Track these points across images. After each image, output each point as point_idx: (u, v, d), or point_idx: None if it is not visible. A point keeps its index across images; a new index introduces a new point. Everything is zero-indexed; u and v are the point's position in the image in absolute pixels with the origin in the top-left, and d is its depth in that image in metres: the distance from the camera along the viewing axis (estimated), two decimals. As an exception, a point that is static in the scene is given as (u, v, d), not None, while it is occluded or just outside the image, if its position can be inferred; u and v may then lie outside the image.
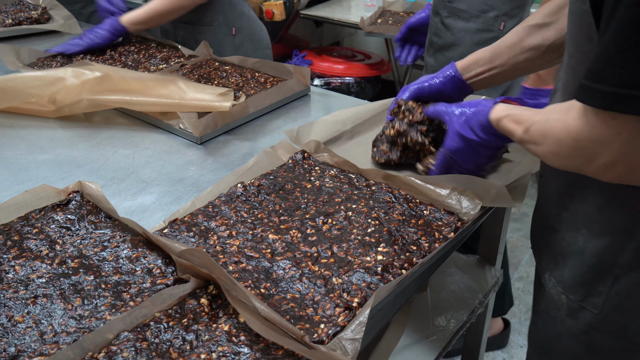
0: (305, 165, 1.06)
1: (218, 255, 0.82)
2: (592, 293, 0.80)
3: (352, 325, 0.66)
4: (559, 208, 0.85)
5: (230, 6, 1.76)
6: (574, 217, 0.82)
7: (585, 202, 0.79)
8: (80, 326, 0.70)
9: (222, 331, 0.69)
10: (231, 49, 1.79)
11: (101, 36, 1.62)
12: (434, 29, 1.70)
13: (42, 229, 0.88)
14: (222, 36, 1.78)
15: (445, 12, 1.63)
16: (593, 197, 0.78)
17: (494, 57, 1.02)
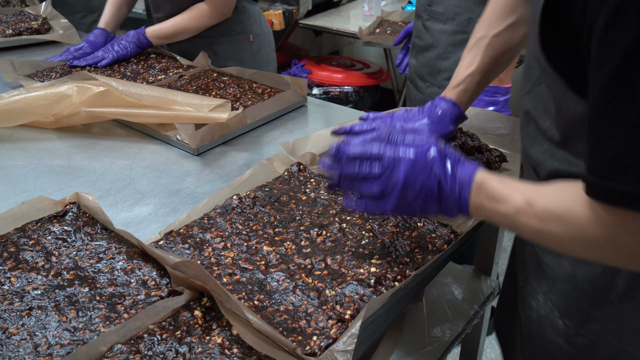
0: (300, 178, 1.07)
1: (212, 267, 0.83)
2: (588, 319, 0.77)
3: (344, 337, 0.67)
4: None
5: (245, 13, 1.77)
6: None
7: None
8: (74, 338, 0.70)
9: (215, 344, 0.70)
10: (250, 55, 1.80)
11: (125, 48, 1.66)
12: (416, 31, 1.77)
13: (38, 240, 0.89)
14: (240, 44, 1.78)
15: (425, 15, 1.70)
16: None
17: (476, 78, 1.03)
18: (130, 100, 1.24)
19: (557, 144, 0.73)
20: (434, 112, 1.01)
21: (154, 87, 1.31)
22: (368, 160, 0.77)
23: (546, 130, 0.74)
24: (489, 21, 1.00)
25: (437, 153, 0.75)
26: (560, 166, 0.72)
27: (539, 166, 0.77)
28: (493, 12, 1.00)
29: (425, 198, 0.74)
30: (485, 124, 1.23)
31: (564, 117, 0.69)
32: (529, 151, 0.79)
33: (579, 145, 0.69)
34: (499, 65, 1.02)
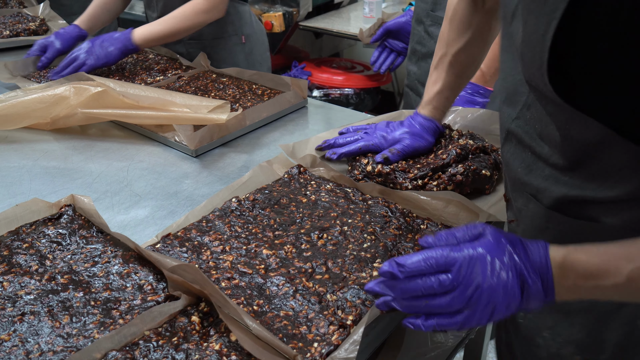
0: (301, 180, 1.05)
1: (211, 271, 0.81)
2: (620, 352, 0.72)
3: (345, 344, 0.65)
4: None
5: (237, 15, 1.76)
6: None
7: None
8: (67, 345, 0.68)
9: (213, 350, 0.68)
10: (242, 57, 1.79)
11: (110, 55, 1.50)
12: (417, 37, 1.73)
13: (32, 243, 0.87)
14: (232, 46, 1.77)
15: (428, 20, 1.67)
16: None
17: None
18: (127, 101, 1.22)
19: (562, 170, 0.68)
20: (412, 125, 1.08)
21: (151, 88, 1.29)
22: (432, 275, 0.64)
23: (547, 157, 0.70)
24: (448, 39, 1.03)
25: (508, 241, 0.64)
26: (570, 191, 0.68)
27: (541, 193, 0.72)
28: (450, 29, 1.03)
29: (509, 299, 0.62)
30: (487, 125, 1.21)
31: (574, 143, 0.64)
32: (525, 179, 0.74)
33: (592, 169, 0.65)
34: (465, 78, 1.07)
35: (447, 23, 1.03)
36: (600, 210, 0.66)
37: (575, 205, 0.68)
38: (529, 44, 0.62)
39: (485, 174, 1.00)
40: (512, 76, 0.73)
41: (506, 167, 0.82)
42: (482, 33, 1.01)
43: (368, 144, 1.08)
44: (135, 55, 1.70)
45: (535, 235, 0.74)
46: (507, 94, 0.76)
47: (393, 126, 1.10)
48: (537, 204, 0.73)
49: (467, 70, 1.05)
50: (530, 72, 0.64)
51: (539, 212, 0.73)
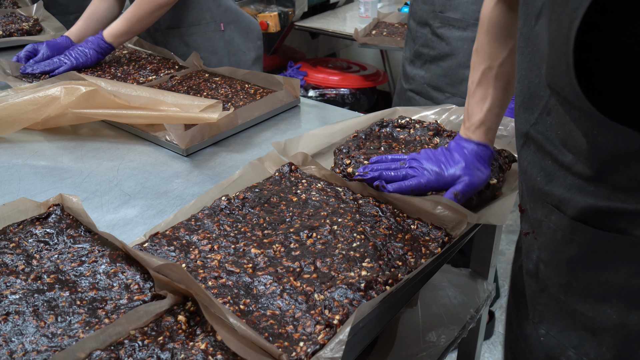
0: (292, 178, 1.04)
1: (198, 270, 0.80)
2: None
3: (331, 343, 0.64)
4: (566, 277, 0.72)
5: (214, 2, 1.77)
6: (595, 288, 0.69)
7: (616, 270, 0.66)
8: (51, 344, 0.68)
9: (199, 350, 0.67)
10: (222, 45, 1.79)
11: (85, 55, 1.55)
12: (423, 40, 1.69)
13: (19, 243, 0.86)
14: (211, 34, 1.77)
15: (436, 22, 1.62)
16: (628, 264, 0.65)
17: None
18: (119, 101, 1.21)
19: (587, 179, 0.64)
20: (467, 157, 0.96)
21: (143, 88, 1.29)
22: None
23: (570, 165, 0.66)
24: (489, 51, 0.95)
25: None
26: (597, 202, 0.64)
27: (565, 204, 0.68)
28: (490, 40, 0.95)
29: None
30: None
31: (602, 151, 0.60)
32: (546, 188, 0.70)
33: (621, 179, 0.61)
34: (511, 92, 0.97)
35: (484, 35, 0.96)
36: (630, 222, 0.63)
37: (603, 217, 0.65)
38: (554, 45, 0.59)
39: (491, 183, 0.99)
40: (529, 79, 0.69)
41: (523, 176, 0.77)
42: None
43: (420, 183, 0.95)
44: (128, 55, 1.70)
45: (557, 249, 0.72)
46: (523, 98, 0.72)
47: (444, 159, 0.97)
48: (561, 215, 0.69)
49: (512, 81, 0.95)
50: (554, 75, 0.60)
51: (563, 224, 0.69)
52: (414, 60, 1.75)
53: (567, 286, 0.72)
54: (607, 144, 0.59)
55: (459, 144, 0.98)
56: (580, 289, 0.71)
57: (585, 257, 0.68)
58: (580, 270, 0.70)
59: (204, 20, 1.74)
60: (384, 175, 0.98)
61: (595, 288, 0.69)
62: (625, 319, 0.67)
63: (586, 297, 0.70)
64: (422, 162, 0.97)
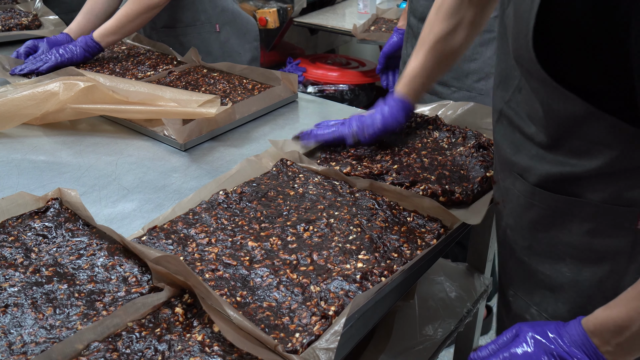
0: (289, 173, 1.05)
1: (195, 262, 0.81)
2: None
3: (327, 334, 0.65)
4: (529, 240, 0.80)
5: (210, 3, 1.76)
6: (552, 249, 0.77)
7: (569, 231, 0.74)
8: (50, 336, 0.68)
9: (196, 341, 0.68)
10: (217, 46, 1.79)
11: (72, 52, 1.53)
12: None
13: (18, 236, 0.87)
14: (206, 35, 1.78)
15: None
16: (580, 225, 0.72)
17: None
18: (117, 96, 1.21)
19: (546, 148, 0.72)
20: (383, 107, 1.08)
21: (141, 83, 1.29)
22: None
23: (533, 136, 0.74)
24: (432, 24, 1.04)
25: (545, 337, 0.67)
26: (552, 169, 0.72)
27: (527, 172, 0.76)
28: (437, 15, 1.03)
29: None
30: (478, 119, 1.21)
31: (555, 118, 0.68)
32: (514, 159, 0.78)
33: (573, 144, 0.69)
34: (443, 66, 1.07)
35: (434, 9, 1.04)
36: (582, 186, 0.70)
37: (559, 182, 0.72)
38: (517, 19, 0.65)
39: (488, 175, 1.00)
40: (506, 61, 0.76)
41: (496, 148, 0.85)
42: (467, 25, 1.02)
43: (343, 132, 1.09)
44: (126, 51, 1.70)
45: (521, 214, 0.80)
46: (500, 79, 0.80)
47: (367, 115, 1.10)
48: (523, 182, 0.77)
49: (445, 59, 1.05)
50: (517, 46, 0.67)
51: (525, 190, 0.77)
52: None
53: (529, 248, 0.80)
54: (559, 111, 0.67)
55: (384, 99, 1.10)
56: (541, 249, 0.79)
57: (544, 220, 0.76)
58: (540, 232, 0.78)
59: (199, 21, 1.75)
60: (314, 131, 1.12)
61: (552, 248, 0.77)
62: (577, 275, 0.75)
63: (545, 257, 0.78)
64: (350, 120, 1.10)
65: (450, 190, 0.95)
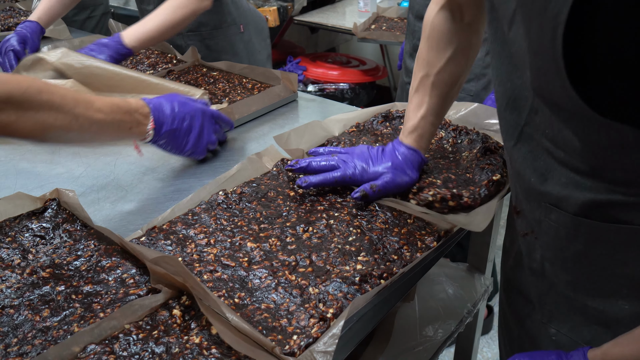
0: (289, 173, 1.04)
1: (194, 263, 0.80)
2: None
3: (325, 337, 0.64)
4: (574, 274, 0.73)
5: (234, 4, 1.76)
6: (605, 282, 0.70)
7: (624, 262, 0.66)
8: (46, 339, 0.68)
9: (193, 344, 0.67)
10: (242, 46, 1.79)
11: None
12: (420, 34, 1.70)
13: (15, 237, 0.86)
14: (232, 36, 1.76)
15: None
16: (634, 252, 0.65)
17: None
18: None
19: (583, 174, 0.64)
20: (395, 157, 0.95)
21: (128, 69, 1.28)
22: None
23: (564, 162, 0.65)
24: (428, 58, 0.94)
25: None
26: (597, 196, 0.64)
27: (564, 201, 0.68)
28: (430, 47, 0.94)
29: None
30: (481, 120, 1.19)
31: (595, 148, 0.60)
32: (542, 188, 0.70)
33: (616, 173, 0.61)
34: (449, 100, 0.98)
35: (425, 42, 0.95)
36: (632, 212, 0.63)
37: (605, 210, 0.64)
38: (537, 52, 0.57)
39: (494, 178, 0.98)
40: (511, 81, 0.69)
41: (517, 177, 0.77)
42: (464, 49, 0.93)
43: (345, 175, 0.95)
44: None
45: (562, 246, 0.72)
46: (507, 100, 0.72)
47: (374, 156, 0.97)
48: (561, 213, 0.69)
49: (450, 91, 0.96)
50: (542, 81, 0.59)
51: (565, 221, 0.69)
52: (412, 53, 1.77)
53: (574, 282, 0.72)
54: (599, 140, 0.58)
55: (394, 145, 0.97)
56: (589, 284, 0.71)
57: (591, 251, 0.68)
58: (587, 265, 0.70)
59: (225, 23, 1.73)
60: (312, 165, 0.98)
61: (604, 281, 0.69)
62: (638, 308, 0.67)
63: (595, 291, 0.70)
64: (353, 156, 0.97)
65: (458, 194, 0.93)
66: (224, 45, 1.74)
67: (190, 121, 1.06)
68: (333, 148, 1.04)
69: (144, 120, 0.99)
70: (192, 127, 1.06)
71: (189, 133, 1.06)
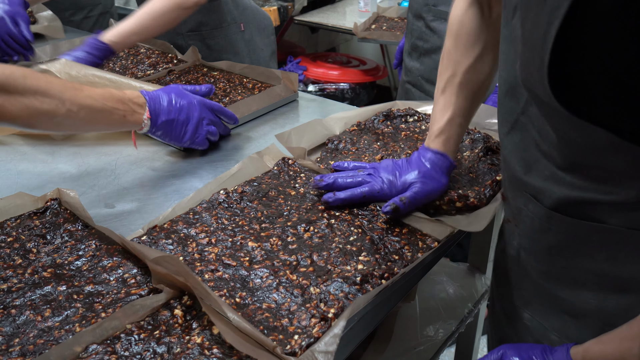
0: (290, 172, 1.04)
1: (195, 263, 0.80)
2: None
3: (326, 337, 0.64)
4: (546, 264, 0.75)
5: (234, 3, 1.75)
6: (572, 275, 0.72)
7: (590, 257, 0.68)
8: (48, 339, 0.68)
9: (195, 343, 0.67)
10: (243, 45, 1.78)
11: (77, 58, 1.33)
12: (418, 33, 1.72)
13: (17, 237, 0.86)
14: (232, 35, 1.76)
15: (429, 15, 1.65)
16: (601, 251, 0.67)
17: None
18: None
19: (562, 169, 0.65)
20: (422, 164, 0.92)
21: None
22: None
23: (546, 156, 0.67)
24: (455, 57, 0.90)
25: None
26: (571, 192, 0.65)
27: (542, 194, 0.69)
28: (457, 46, 0.90)
29: None
30: (482, 120, 1.19)
31: (571, 146, 0.62)
32: (525, 178, 0.71)
33: (593, 172, 0.62)
34: (477, 100, 0.93)
35: (452, 40, 0.91)
36: (605, 212, 0.64)
37: (579, 206, 0.66)
38: (527, 44, 0.58)
39: (498, 178, 0.98)
40: (515, 68, 0.67)
41: (504, 164, 0.78)
42: (493, 47, 0.88)
43: (373, 190, 0.92)
44: (126, 49, 1.69)
45: (536, 237, 0.73)
46: (508, 87, 0.71)
47: (400, 167, 0.93)
48: (538, 205, 0.70)
49: (479, 91, 0.91)
50: (527, 73, 0.59)
51: (540, 213, 0.70)
52: (411, 52, 1.78)
53: (547, 273, 0.75)
54: (575, 139, 0.60)
55: (420, 152, 0.94)
56: (559, 275, 0.73)
57: (563, 245, 0.70)
58: (558, 257, 0.72)
59: (225, 23, 1.73)
60: (339, 182, 0.95)
61: (573, 274, 0.71)
62: (602, 303, 0.70)
63: (565, 283, 0.73)
64: (379, 170, 0.94)
65: (464, 195, 0.92)
66: (224, 45, 1.74)
67: (187, 112, 1.09)
68: (358, 163, 1.00)
69: (139, 109, 1.02)
70: (190, 117, 1.09)
71: (186, 123, 1.09)
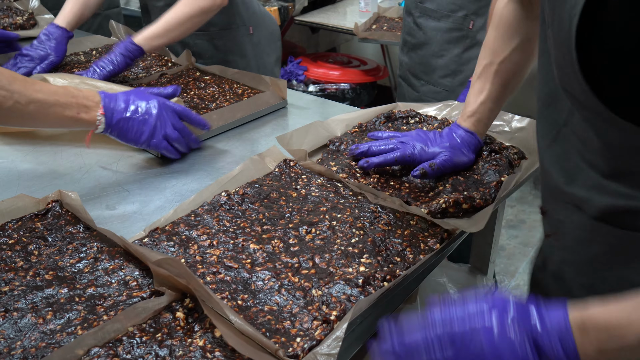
0: (292, 174, 1.04)
1: (197, 265, 0.80)
2: None
3: (328, 339, 0.64)
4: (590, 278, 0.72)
5: (244, 6, 1.75)
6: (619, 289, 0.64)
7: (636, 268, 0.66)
8: (50, 341, 0.68)
9: (197, 346, 0.67)
10: (250, 48, 1.78)
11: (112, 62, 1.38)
12: (407, 28, 1.78)
13: (18, 239, 0.86)
14: (241, 37, 1.76)
15: (417, 12, 1.69)
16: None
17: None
18: None
19: (606, 177, 0.63)
20: (453, 138, 1.01)
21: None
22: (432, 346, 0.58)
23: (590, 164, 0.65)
24: (494, 47, 0.97)
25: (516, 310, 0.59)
26: (617, 201, 0.63)
27: (585, 203, 0.67)
28: (497, 36, 0.96)
29: None
30: None
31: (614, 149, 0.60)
32: (567, 189, 0.69)
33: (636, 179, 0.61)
34: (510, 89, 1.00)
35: (493, 30, 0.97)
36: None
37: (623, 216, 0.63)
38: (558, 45, 0.58)
39: (502, 179, 0.98)
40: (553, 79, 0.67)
41: (545, 176, 0.76)
42: (530, 41, 0.94)
43: (405, 154, 1.00)
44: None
45: (578, 249, 0.72)
46: (549, 98, 0.71)
47: (432, 138, 1.02)
48: (582, 215, 0.68)
49: (512, 79, 0.99)
50: (562, 75, 0.59)
51: (584, 224, 0.68)
52: (402, 47, 1.85)
53: (590, 286, 0.72)
54: (617, 142, 0.58)
55: (451, 128, 1.04)
56: (604, 289, 0.69)
57: (607, 257, 0.68)
58: (602, 270, 0.69)
59: (234, 25, 1.73)
60: (372, 149, 1.03)
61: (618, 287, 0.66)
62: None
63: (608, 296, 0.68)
64: (412, 138, 1.03)
65: (470, 196, 0.93)
66: (231, 46, 1.74)
67: (145, 112, 1.07)
68: (392, 132, 1.10)
69: (93, 106, 1.01)
70: (148, 117, 1.07)
71: (143, 124, 1.07)
